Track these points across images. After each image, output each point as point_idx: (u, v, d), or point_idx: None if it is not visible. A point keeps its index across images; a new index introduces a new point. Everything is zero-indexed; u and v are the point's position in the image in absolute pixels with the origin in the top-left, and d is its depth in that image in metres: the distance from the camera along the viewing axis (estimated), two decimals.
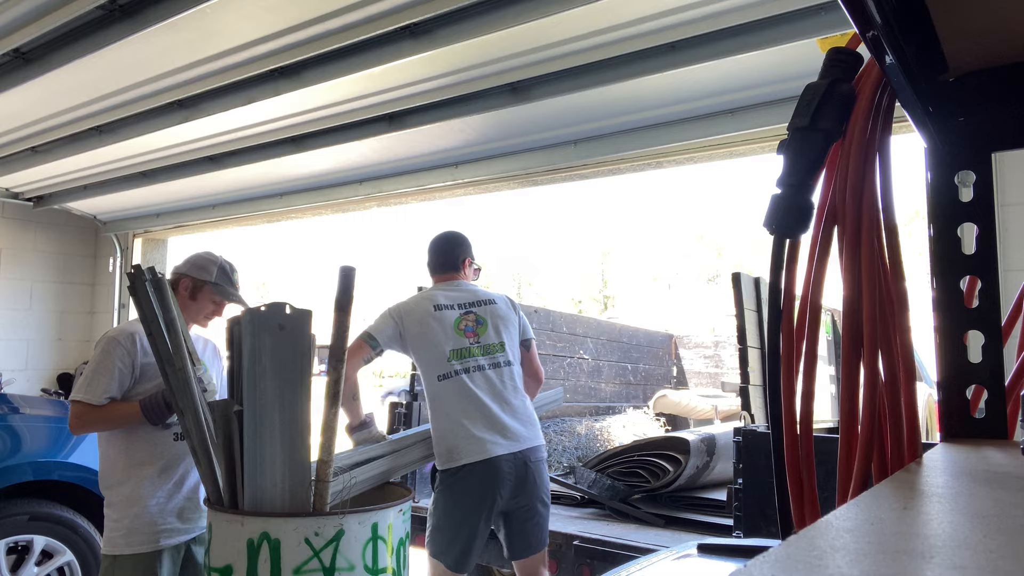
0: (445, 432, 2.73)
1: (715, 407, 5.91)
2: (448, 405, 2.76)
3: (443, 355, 2.82)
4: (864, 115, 0.82)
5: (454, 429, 2.72)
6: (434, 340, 2.83)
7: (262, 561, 1.79)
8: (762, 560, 0.35)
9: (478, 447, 2.69)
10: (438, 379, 2.80)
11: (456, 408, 2.75)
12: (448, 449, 2.72)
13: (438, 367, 2.81)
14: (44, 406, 4.13)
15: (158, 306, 2.22)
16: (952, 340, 0.82)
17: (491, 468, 2.68)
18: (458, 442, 2.70)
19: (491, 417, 2.75)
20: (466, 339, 2.87)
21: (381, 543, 1.90)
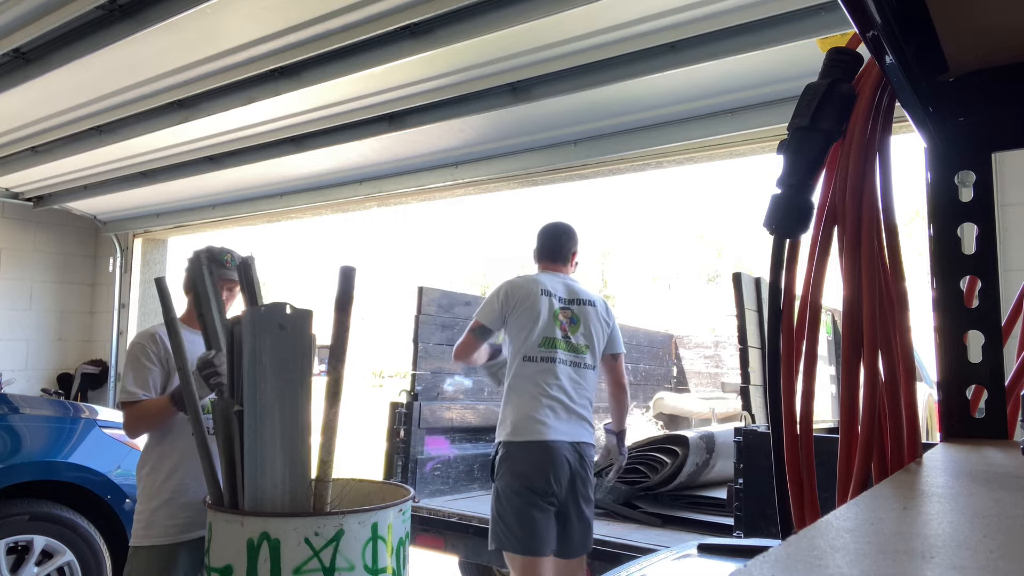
0: (516, 407, 2.86)
1: (712, 409, 5.91)
2: (525, 384, 2.88)
3: (535, 339, 2.92)
4: (864, 115, 0.82)
5: (524, 407, 2.84)
6: (533, 321, 2.92)
7: (262, 561, 1.79)
8: (762, 560, 0.35)
9: (542, 428, 2.80)
10: (523, 359, 2.91)
11: (532, 389, 2.86)
12: (515, 424, 2.83)
13: (527, 348, 2.91)
14: (44, 406, 4.14)
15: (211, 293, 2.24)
16: (952, 340, 0.82)
17: (550, 450, 2.78)
18: (525, 420, 2.81)
19: (559, 408, 2.86)
20: (559, 331, 2.96)
21: (381, 543, 1.90)
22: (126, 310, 7.03)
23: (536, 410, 2.82)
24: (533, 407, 2.83)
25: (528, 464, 2.79)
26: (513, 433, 2.83)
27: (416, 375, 4.00)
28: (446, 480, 4.09)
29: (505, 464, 2.83)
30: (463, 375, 4.29)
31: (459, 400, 4.26)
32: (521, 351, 2.91)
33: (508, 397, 2.91)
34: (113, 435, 3.91)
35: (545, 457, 2.78)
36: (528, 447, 2.80)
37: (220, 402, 2.06)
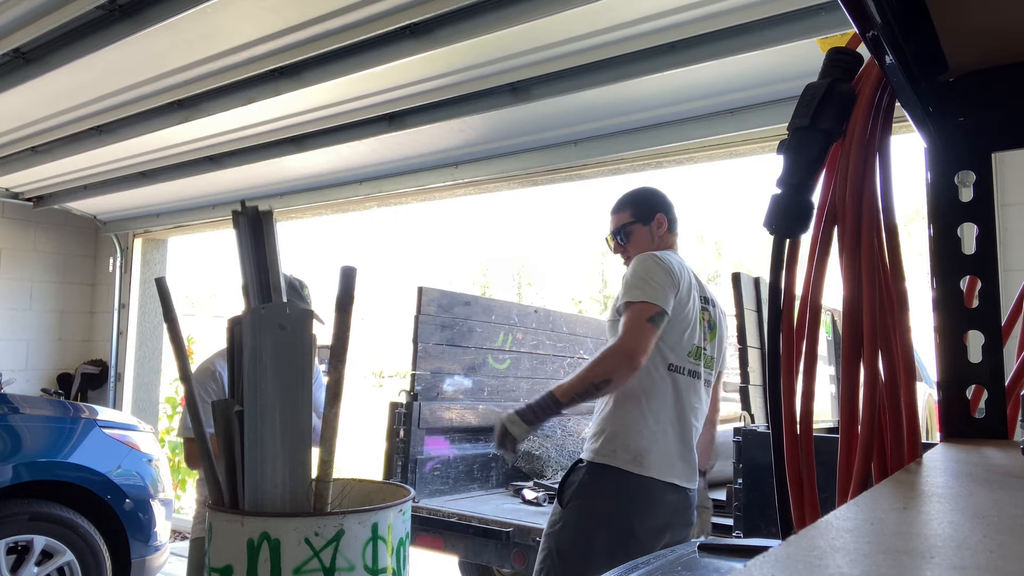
0: (642, 429, 2.24)
1: None
2: (662, 401, 2.28)
3: (687, 343, 2.33)
4: (864, 115, 0.82)
5: (656, 431, 2.24)
6: (688, 320, 2.33)
7: (262, 561, 1.79)
8: (762, 560, 0.35)
9: (668, 466, 2.24)
10: (668, 368, 2.30)
11: (669, 409, 2.29)
12: (638, 450, 2.22)
13: (676, 354, 2.31)
14: (44, 406, 4.14)
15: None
16: (952, 340, 0.82)
17: (662, 497, 2.21)
18: (653, 448, 2.23)
19: (686, 439, 2.32)
20: (703, 338, 2.39)
21: (381, 543, 1.90)
22: (126, 310, 7.02)
23: (665, 437, 2.25)
24: (661, 434, 2.25)
25: (640, 513, 2.18)
26: (633, 462, 2.20)
27: (416, 375, 4.00)
28: (446, 480, 4.09)
29: (601, 497, 2.19)
30: (463, 375, 4.29)
31: (459, 400, 4.25)
32: (668, 355, 2.29)
33: (629, 413, 2.26)
34: (113, 435, 3.92)
35: (656, 506, 2.20)
36: (646, 489, 2.19)
37: (220, 402, 2.06)
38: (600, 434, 2.28)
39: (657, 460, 2.22)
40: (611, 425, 2.27)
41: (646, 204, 2.52)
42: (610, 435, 2.25)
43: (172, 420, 7.56)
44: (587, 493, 2.22)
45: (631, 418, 2.25)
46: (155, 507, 3.91)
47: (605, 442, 2.25)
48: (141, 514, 3.82)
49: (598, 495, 2.21)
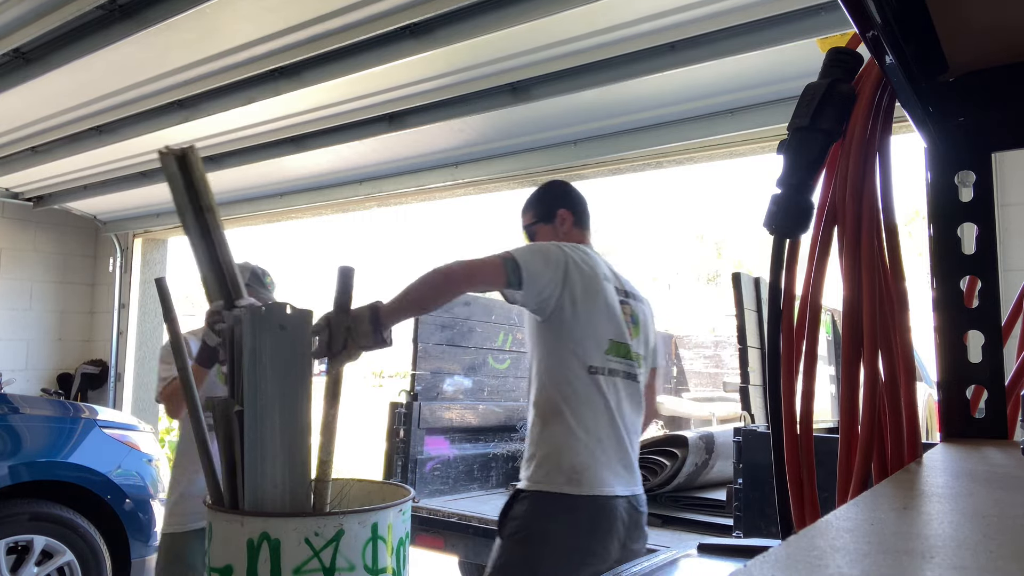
0: (575, 445, 2.03)
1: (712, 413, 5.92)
2: (589, 410, 2.06)
3: (603, 341, 2.12)
4: (864, 115, 0.82)
5: (589, 443, 2.04)
6: (599, 315, 2.12)
7: (262, 561, 1.79)
8: (762, 560, 0.35)
9: (609, 476, 2.05)
10: (589, 371, 2.08)
11: (598, 418, 2.08)
12: (574, 468, 2.01)
13: (593, 355, 2.09)
14: (44, 406, 4.14)
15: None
16: (952, 340, 0.82)
17: (613, 510, 2.05)
18: (590, 463, 2.02)
19: (622, 444, 2.12)
20: (627, 332, 2.21)
21: (381, 543, 1.90)
22: (126, 310, 7.02)
23: (600, 448, 2.05)
24: (595, 445, 2.05)
25: (590, 532, 2.00)
26: (570, 482, 2.00)
27: (416, 375, 4.00)
28: (446, 480, 4.09)
29: (550, 526, 2.00)
30: (463, 375, 4.29)
31: (459, 400, 4.26)
32: (585, 357, 2.08)
33: (557, 428, 2.05)
34: (113, 435, 3.92)
35: (608, 521, 2.03)
36: (586, 505, 2.00)
37: (220, 402, 2.06)
38: (532, 458, 2.09)
39: (596, 474, 2.02)
40: (541, 447, 2.07)
41: (546, 202, 2.39)
42: (541, 457, 2.06)
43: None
44: (528, 524, 2.03)
45: (560, 434, 2.05)
46: (155, 507, 3.91)
47: (537, 466, 2.06)
48: (141, 514, 3.82)
49: (540, 525, 2.01)
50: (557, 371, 2.09)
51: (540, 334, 2.13)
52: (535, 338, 2.16)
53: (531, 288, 2.00)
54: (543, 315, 2.08)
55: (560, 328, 2.09)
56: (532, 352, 2.18)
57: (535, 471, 2.07)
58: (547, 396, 2.09)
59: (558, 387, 2.08)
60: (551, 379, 2.09)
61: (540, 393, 2.11)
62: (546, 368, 2.10)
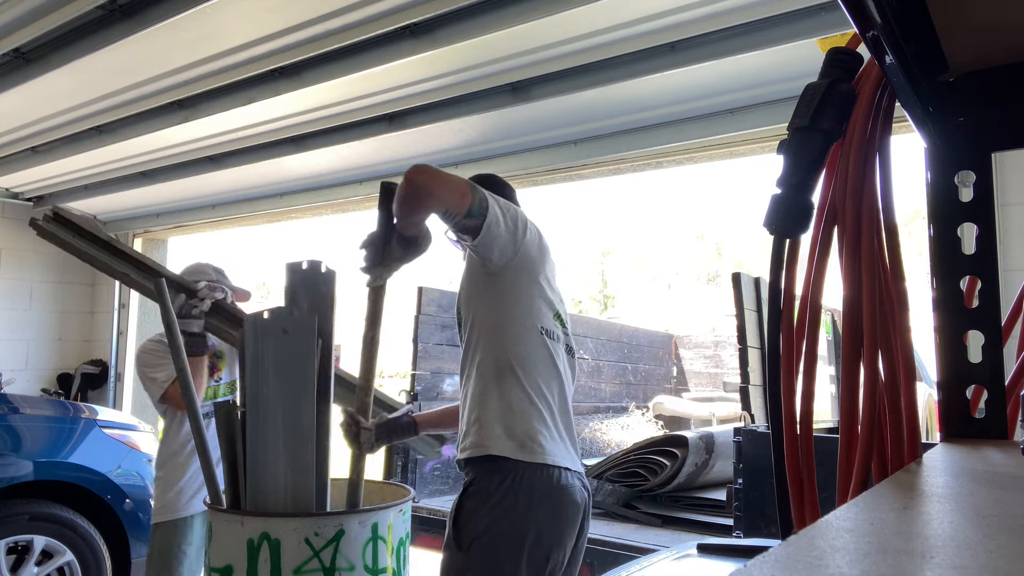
0: (527, 409, 1.80)
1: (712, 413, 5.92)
2: (542, 374, 1.85)
3: (551, 306, 1.94)
4: (864, 115, 0.82)
5: (543, 412, 1.82)
6: (548, 277, 1.95)
7: (262, 561, 1.79)
8: (762, 560, 0.35)
9: (562, 451, 1.83)
10: (541, 331, 1.88)
11: (551, 384, 1.87)
12: (527, 434, 1.78)
13: (544, 316, 1.90)
14: (44, 406, 4.14)
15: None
16: (952, 340, 0.82)
17: (572, 487, 1.83)
18: (544, 431, 1.80)
19: (570, 418, 1.92)
20: (561, 304, 2.01)
21: (381, 543, 1.89)
22: (126, 310, 7.02)
23: (552, 417, 1.85)
24: (549, 413, 1.84)
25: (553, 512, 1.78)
26: (523, 448, 1.78)
27: (416, 375, 4.00)
28: (446, 480, 4.09)
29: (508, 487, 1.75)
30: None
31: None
32: (536, 317, 1.87)
33: (508, 392, 1.82)
34: (113, 435, 3.92)
35: (570, 499, 1.82)
36: (552, 477, 1.79)
37: (222, 404, 2.06)
38: (475, 423, 1.83)
39: (551, 445, 1.80)
40: (487, 409, 1.83)
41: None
42: (489, 420, 1.81)
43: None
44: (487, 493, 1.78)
45: (511, 397, 1.82)
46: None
47: (483, 428, 1.80)
48: (141, 514, 3.82)
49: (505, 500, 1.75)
50: (509, 328, 1.85)
51: (489, 288, 1.90)
52: (480, 294, 1.92)
53: (493, 229, 1.76)
54: (499, 264, 1.84)
55: (515, 282, 1.87)
56: (474, 311, 1.93)
57: (479, 434, 1.80)
58: (495, 356, 1.84)
59: (509, 346, 1.83)
60: (500, 337, 1.85)
61: (486, 353, 1.85)
62: (494, 326, 1.86)
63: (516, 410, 1.81)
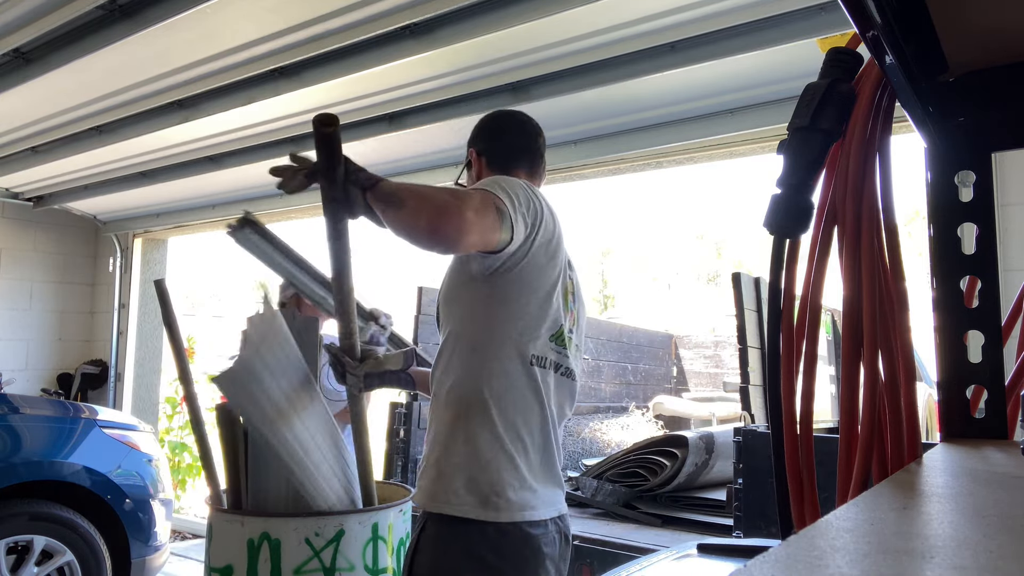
0: (497, 458, 1.57)
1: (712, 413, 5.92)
2: (521, 412, 1.61)
3: (551, 323, 1.65)
4: (864, 115, 0.82)
5: (515, 458, 1.58)
6: (552, 285, 1.65)
7: (262, 561, 1.79)
8: (762, 560, 0.35)
9: (531, 498, 1.59)
10: (530, 361, 1.61)
11: (530, 422, 1.62)
12: (493, 487, 1.55)
13: (537, 340, 1.62)
14: (44, 406, 4.14)
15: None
16: (952, 340, 0.82)
17: (538, 540, 1.59)
18: (513, 481, 1.57)
19: (550, 453, 1.67)
20: (566, 315, 1.71)
21: (381, 543, 1.90)
22: (126, 310, 7.02)
23: (540, 458, 1.63)
24: (537, 454, 1.63)
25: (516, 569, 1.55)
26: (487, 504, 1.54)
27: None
28: None
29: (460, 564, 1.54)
30: None
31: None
32: (526, 344, 1.60)
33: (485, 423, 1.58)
34: (113, 435, 3.92)
35: (534, 556, 1.57)
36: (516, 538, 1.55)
37: (223, 406, 2.06)
38: (435, 466, 1.60)
39: (519, 496, 1.56)
40: (452, 454, 1.58)
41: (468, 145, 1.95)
42: (450, 468, 1.57)
43: (172, 420, 7.56)
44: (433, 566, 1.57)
45: (481, 441, 1.57)
46: (155, 507, 3.91)
47: (440, 478, 1.58)
48: (141, 514, 3.82)
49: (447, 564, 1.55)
50: (490, 356, 1.59)
51: (474, 296, 1.62)
52: (462, 299, 1.65)
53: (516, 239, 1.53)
54: (489, 271, 1.58)
55: (507, 298, 1.59)
56: (453, 321, 1.65)
57: (437, 484, 1.58)
58: (468, 387, 1.59)
59: (486, 379, 1.58)
60: (478, 365, 1.59)
61: (459, 379, 1.61)
62: (472, 348, 1.60)
63: (483, 459, 1.56)
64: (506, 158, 1.86)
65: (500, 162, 1.85)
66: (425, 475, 1.63)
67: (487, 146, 1.90)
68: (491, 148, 1.89)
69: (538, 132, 1.94)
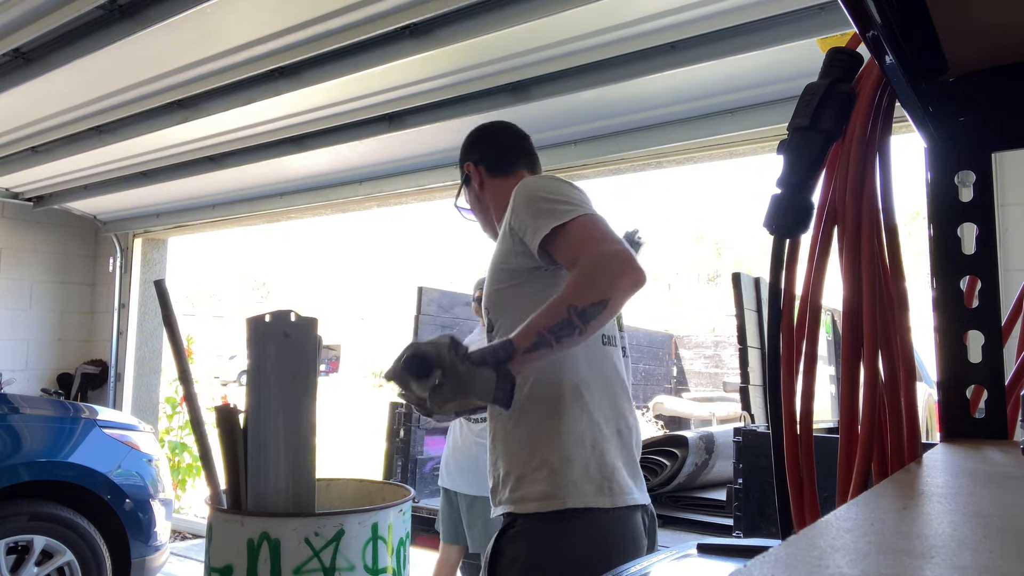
0: (600, 441, 1.54)
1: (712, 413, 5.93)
2: (608, 392, 1.59)
3: None
4: (864, 115, 0.82)
5: (613, 440, 1.56)
6: None
7: (262, 561, 1.79)
8: (762, 560, 0.35)
9: (630, 481, 1.58)
10: (603, 340, 1.61)
11: (617, 403, 1.61)
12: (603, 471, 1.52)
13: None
14: (44, 406, 4.14)
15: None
16: (952, 340, 0.82)
17: (638, 527, 1.58)
18: (617, 463, 1.55)
19: (637, 437, 1.66)
20: None
21: (381, 543, 1.90)
22: (126, 310, 7.02)
23: (625, 446, 1.60)
24: (620, 439, 1.59)
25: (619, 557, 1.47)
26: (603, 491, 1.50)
27: None
28: None
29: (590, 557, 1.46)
30: None
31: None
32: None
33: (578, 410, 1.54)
34: (113, 435, 3.92)
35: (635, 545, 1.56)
36: (625, 523, 1.53)
37: (223, 407, 2.07)
38: (541, 466, 1.51)
39: (623, 477, 1.55)
40: (556, 447, 1.51)
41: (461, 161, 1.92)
42: (559, 461, 1.50)
43: (172, 420, 7.56)
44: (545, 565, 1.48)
45: (583, 427, 1.53)
46: (155, 507, 3.91)
47: (553, 473, 1.50)
48: (141, 514, 3.82)
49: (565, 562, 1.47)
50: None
51: (537, 286, 1.56)
52: (522, 293, 1.58)
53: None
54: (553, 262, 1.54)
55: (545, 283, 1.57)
56: (512, 318, 1.55)
57: (552, 480, 1.49)
58: (558, 379, 1.53)
59: (574, 366, 1.54)
60: (564, 354, 1.49)
61: (546, 376, 1.54)
62: None
63: (590, 444, 1.51)
64: (506, 161, 1.87)
65: (501, 166, 1.86)
66: (525, 480, 1.53)
67: (483, 154, 1.89)
68: (488, 155, 1.89)
69: (527, 135, 1.98)
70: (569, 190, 1.58)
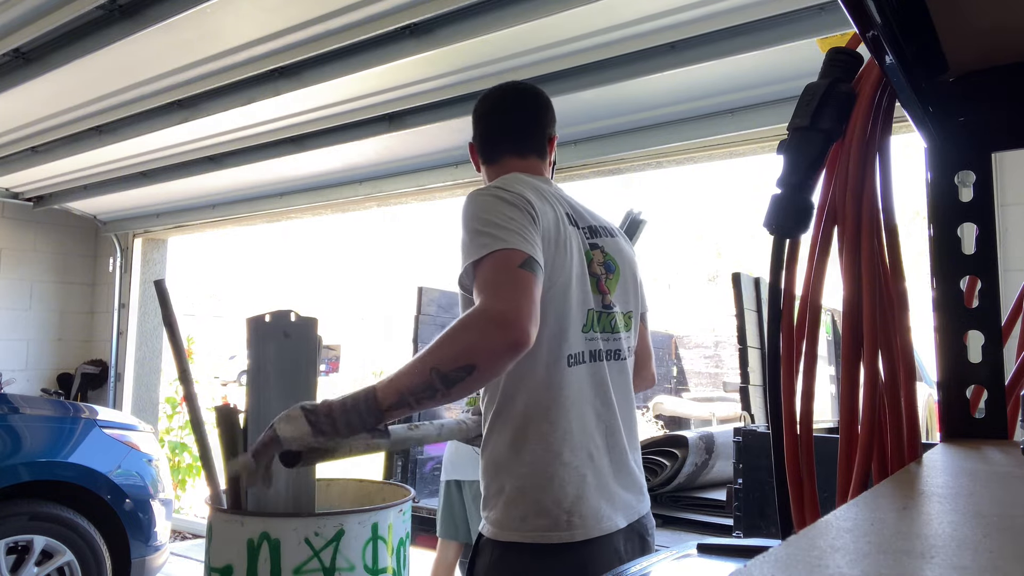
0: (560, 472, 1.46)
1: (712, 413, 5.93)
2: (574, 418, 1.50)
3: (576, 314, 1.52)
4: (864, 115, 0.82)
5: (580, 468, 1.48)
6: (572, 278, 1.52)
7: (262, 561, 1.79)
8: (762, 560, 0.35)
9: (606, 506, 1.50)
10: (568, 361, 1.50)
11: (586, 427, 1.51)
12: (561, 504, 1.45)
13: (571, 336, 1.51)
14: (44, 406, 4.14)
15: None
16: (952, 340, 0.82)
17: (615, 552, 1.51)
18: (583, 492, 1.47)
19: (619, 452, 1.57)
20: (596, 296, 1.58)
21: (381, 543, 1.90)
22: (126, 310, 7.02)
23: (606, 460, 1.53)
24: (602, 456, 1.52)
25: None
26: (559, 525, 1.44)
27: None
28: None
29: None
30: None
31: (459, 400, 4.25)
32: (560, 341, 1.49)
33: (536, 441, 1.48)
34: (113, 435, 3.92)
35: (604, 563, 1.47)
36: (590, 553, 1.46)
37: (223, 408, 2.07)
38: (499, 493, 1.49)
39: (591, 507, 1.46)
40: (512, 476, 1.48)
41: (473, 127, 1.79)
42: (514, 492, 1.47)
43: (172, 420, 7.56)
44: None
45: (539, 458, 1.47)
46: (155, 507, 3.91)
47: (508, 505, 1.47)
48: (141, 514, 3.82)
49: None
50: (526, 372, 1.47)
51: None
52: None
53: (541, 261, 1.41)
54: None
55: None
56: None
57: (505, 512, 1.47)
58: (516, 408, 1.50)
59: (530, 392, 1.48)
60: (518, 384, 1.49)
61: (505, 405, 1.51)
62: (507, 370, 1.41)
63: (545, 476, 1.46)
64: (489, 145, 1.73)
65: (488, 155, 1.73)
66: (489, 503, 1.52)
67: (475, 133, 1.77)
68: (477, 135, 1.76)
69: (520, 104, 1.78)
70: (498, 213, 1.42)
